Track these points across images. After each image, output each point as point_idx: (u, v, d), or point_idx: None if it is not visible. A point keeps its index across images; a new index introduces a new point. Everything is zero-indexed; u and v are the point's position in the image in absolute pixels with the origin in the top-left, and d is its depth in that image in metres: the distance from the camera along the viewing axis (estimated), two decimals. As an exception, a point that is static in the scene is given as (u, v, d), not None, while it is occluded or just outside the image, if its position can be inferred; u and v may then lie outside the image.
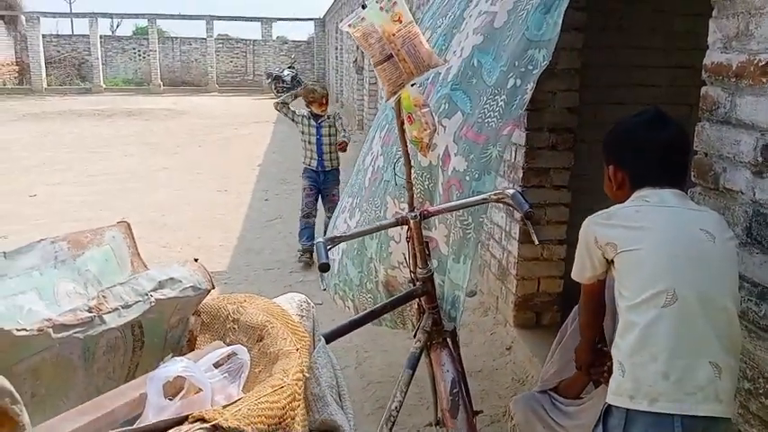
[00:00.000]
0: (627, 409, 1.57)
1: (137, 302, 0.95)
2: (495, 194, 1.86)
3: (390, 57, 1.64)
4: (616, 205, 1.80)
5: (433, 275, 1.99)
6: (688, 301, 1.55)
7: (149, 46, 28.72)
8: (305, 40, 31.95)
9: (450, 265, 2.17)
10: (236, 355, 1.02)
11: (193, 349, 1.09)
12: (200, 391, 0.92)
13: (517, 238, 3.82)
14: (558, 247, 3.82)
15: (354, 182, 3.00)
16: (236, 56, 30.76)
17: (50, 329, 0.85)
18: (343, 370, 3.51)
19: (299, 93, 5.93)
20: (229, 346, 1.12)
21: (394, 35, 1.63)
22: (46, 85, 26.73)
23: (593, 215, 1.79)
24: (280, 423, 0.86)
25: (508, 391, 3.43)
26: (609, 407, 1.64)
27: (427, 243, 2.06)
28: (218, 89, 28.51)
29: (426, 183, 2.29)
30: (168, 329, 1.07)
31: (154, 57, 28.30)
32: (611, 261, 1.72)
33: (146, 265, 1.13)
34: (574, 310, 2.34)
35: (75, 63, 29.56)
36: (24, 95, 24.82)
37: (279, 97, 22.60)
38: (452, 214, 2.07)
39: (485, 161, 2.00)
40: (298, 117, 5.70)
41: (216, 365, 1.02)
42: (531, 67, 1.97)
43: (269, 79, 26.13)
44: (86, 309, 0.90)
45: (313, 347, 1.42)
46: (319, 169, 5.72)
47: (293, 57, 29.09)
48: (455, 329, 2.11)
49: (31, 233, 6.77)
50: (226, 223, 7.15)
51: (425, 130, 1.73)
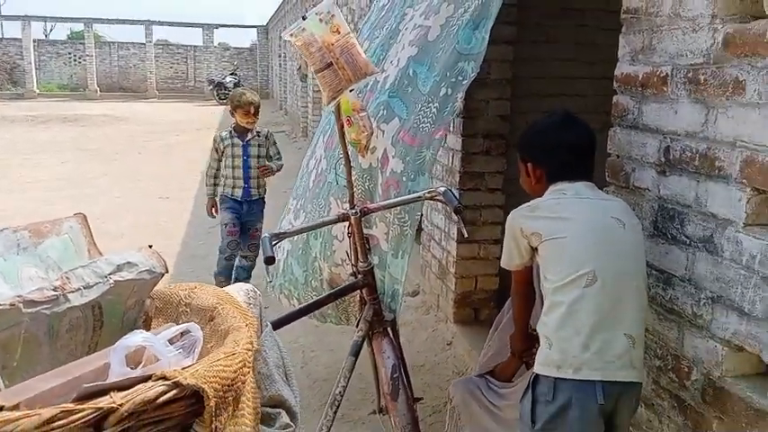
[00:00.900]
0: (554, 378, 1.77)
1: (97, 284, 1.05)
2: (428, 192, 2.02)
3: (330, 65, 1.77)
4: (537, 199, 1.98)
5: (373, 269, 2.13)
6: (606, 282, 1.76)
7: (85, 50, 27.98)
8: (247, 47, 31.74)
9: (390, 261, 2.30)
10: (189, 332, 1.12)
11: (149, 329, 1.18)
12: (157, 361, 1.03)
13: (455, 238, 4.00)
14: (494, 247, 4.01)
15: (299, 184, 3.11)
16: (176, 62, 30.28)
17: (21, 305, 0.94)
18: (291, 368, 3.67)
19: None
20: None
21: (332, 45, 1.76)
22: (-25, 91, 25.70)
23: (517, 208, 1.98)
24: (231, 385, 0.97)
25: (449, 382, 3.57)
26: (537, 376, 1.83)
27: (368, 239, 2.19)
28: (158, 95, 28.00)
29: (367, 183, 2.43)
30: (125, 311, 1.16)
31: (90, 62, 27.58)
32: (535, 249, 1.91)
33: (101, 254, 1.22)
34: (508, 301, 2.52)
35: (6, 67, 28.50)
36: (-49, 101, 23.79)
37: (221, 103, 22.34)
38: (391, 213, 2.21)
39: (419, 163, 2.16)
40: (219, 144, 4.56)
41: (170, 342, 1.12)
42: (461, 78, 2.13)
43: (211, 86, 25.88)
44: (52, 288, 0.99)
45: (261, 332, 1.53)
46: (244, 198, 4.62)
47: (236, 63, 28.89)
48: (395, 319, 2.25)
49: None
50: (168, 230, 7.11)
51: (363, 132, 1.87)
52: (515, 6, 3.79)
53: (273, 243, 1.88)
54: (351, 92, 1.86)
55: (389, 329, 2.21)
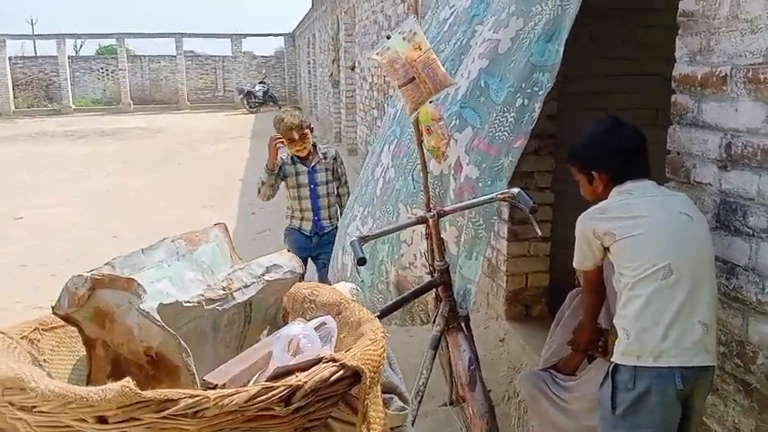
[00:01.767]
0: (634, 366, 1.90)
1: (253, 283, 1.21)
2: (501, 194, 2.16)
3: (413, 79, 1.92)
4: (605, 201, 2.10)
5: (448, 267, 2.28)
6: (681, 274, 1.89)
7: (118, 65, 28.62)
8: (273, 54, 32.18)
9: (462, 262, 2.45)
10: (325, 324, 1.28)
11: (287, 323, 1.34)
12: (306, 349, 1.18)
13: (506, 237, 4.12)
14: (544, 245, 4.13)
15: (365, 192, 3.27)
16: (205, 72, 30.81)
17: (203, 302, 1.10)
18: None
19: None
20: (307, 321, 1.38)
21: (415, 60, 1.92)
22: (14, 108, 26.48)
23: (586, 212, 2.10)
24: (376, 368, 1.13)
25: (505, 377, 3.71)
26: (616, 366, 1.96)
27: (443, 240, 2.34)
28: (190, 106, 28.53)
29: (437, 190, 2.58)
30: (268, 307, 1.32)
31: (123, 76, 28.21)
32: (606, 248, 2.03)
33: (240, 259, 1.39)
34: (569, 295, 2.64)
35: (43, 84, 29.29)
36: (-8, 119, 24.56)
37: (251, 112, 22.31)
38: (465, 216, 2.36)
39: (497, 170, 2.30)
40: (279, 170, 3.84)
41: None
42: (536, 89, 2.27)
43: (241, 95, 26.30)
44: (221, 288, 1.15)
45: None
46: (314, 232, 3.97)
47: (264, 72, 29.30)
48: (468, 315, 2.39)
49: (25, 255, 6.90)
50: (217, 237, 7.34)
51: (443, 140, 2.02)
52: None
53: (362, 245, 2.03)
54: (430, 103, 2.01)
55: (463, 324, 2.36)
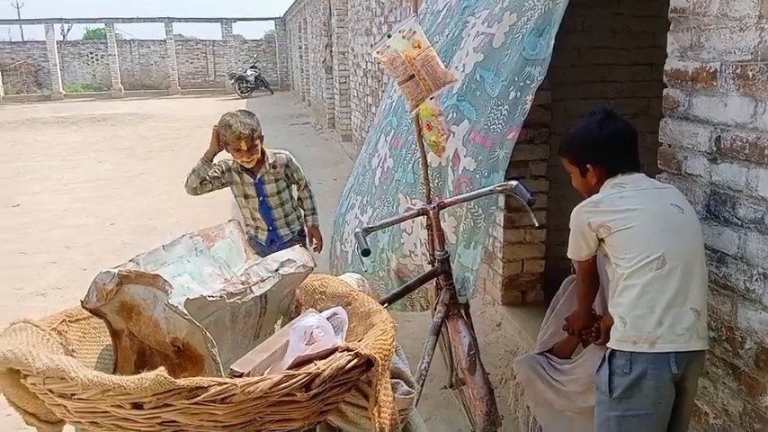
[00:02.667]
0: (631, 352, 1.99)
1: (269, 277, 1.28)
2: (500, 186, 2.23)
3: (412, 76, 1.98)
4: (597, 195, 2.17)
5: (449, 257, 2.35)
6: (674, 263, 1.97)
7: (107, 50, 28.40)
8: (263, 38, 32.00)
9: (461, 251, 2.52)
10: (336, 314, 1.36)
11: (299, 314, 1.42)
12: (321, 338, 1.26)
13: (502, 224, 4.20)
14: (539, 232, 4.21)
15: (362, 181, 3.33)
16: (196, 57, 30.63)
17: (225, 296, 1.17)
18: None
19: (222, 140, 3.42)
20: (321, 311, 1.46)
21: (414, 58, 1.98)
22: (3, 94, 26.27)
23: (580, 205, 2.16)
24: (387, 356, 1.20)
25: (502, 361, 3.81)
26: (613, 351, 2.05)
27: (443, 231, 2.41)
28: (181, 91, 28.39)
29: (436, 181, 2.64)
30: (282, 299, 1.39)
31: (113, 61, 28.01)
32: (601, 240, 2.11)
33: (254, 252, 1.46)
34: (564, 281, 2.73)
35: (32, 70, 29.04)
36: (-20, 105, 24.36)
37: (243, 96, 21.97)
38: (464, 207, 2.43)
39: (493, 161, 2.37)
40: (223, 175, 3.50)
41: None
42: (528, 82, 2.33)
43: (232, 80, 26.20)
44: (240, 282, 1.22)
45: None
46: (271, 240, 3.66)
47: (255, 56, 29.15)
48: (467, 303, 2.47)
49: (23, 242, 6.93)
50: (212, 224, 7.37)
51: (443, 135, 2.09)
52: None
53: (366, 236, 2.11)
54: (431, 99, 2.08)
55: (463, 311, 2.44)
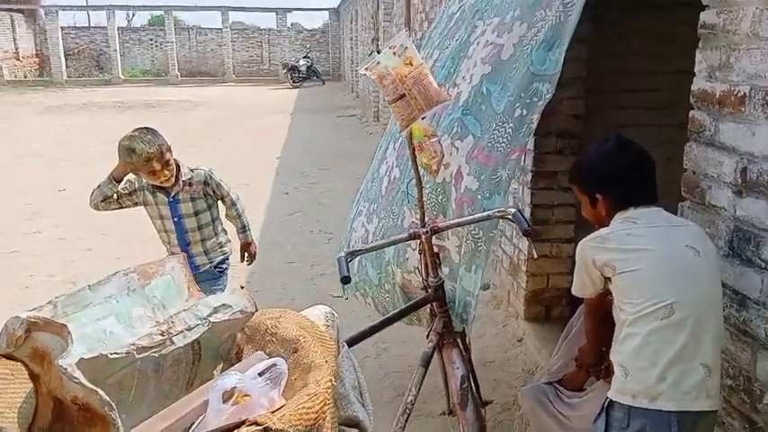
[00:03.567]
0: (630, 406, 1.80)
1: (197, 325, 1.18)
2: (498, 212, 2.07)
3: (403, 96, 1.84)
4: (605, 229, 1.98)
5: (443, 283, 2.21)
6: (683, 313, 1.77)
7: (166, 37, 28.99)
8: (319, 28, 32.10)
9: (462, 274, 2.37)
10: (275, 365, 1.25)
11: (240, 359, 1.31)
12: (247, 396, 1.15)
13: (526, 237, 4.01)
14: (567, 245, 4.00)
15: (371, 187, 3.21)
16: (251, 45, 31.00)
17: (134, 351, 1.08)
18: (364, 360, 3.83)
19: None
20: (269, 355, 1.35)
21: (405, 76, 1.84)
22: (66, 77, 27.17)
23: (586, 239, 1.98)
24: (314, 424, 1.09)
25: (519, 380, 3.64)
26: (612, 401, 1.87)
27: (438, 253, 2.27)
28: (235, 79, 28.79)
29: (440, 197, 2.50)
30: (220, 344, 1.29)
31: (171, 47, 28.58)
32: (608, 278, 1.92)
33: (198, 291, 1.36)
34: (579, 308, 2.55)
35: (94, 55, 29.98)
36: (45, 88, 25.25)
37: (294, 86, 21.95)
38: (464, 228, 2.28)
39: (495, 182, 2.20)
40: (135, 194, 3.19)
41: (260, 374, 1.25)
42: (536, 99, 2.16)
43: (285, 69, 26.39)
44: (159, 333, 1.13)
45: (338, 353, 1.65)
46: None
47: (308, 46, 29.29)
48: (464, 330, 2.33)
49: (64, 228, 7.09)
50: (248, 217, 7.37)
51: (434, 158, 1.94)
52: (588, 3, 3.73)
53: (349, 261, 1.99)
54: (423, 119, 1.93)
55: (459, 340, 2.30)
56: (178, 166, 3.16)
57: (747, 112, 1.94)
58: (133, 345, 1.09)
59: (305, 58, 26.56)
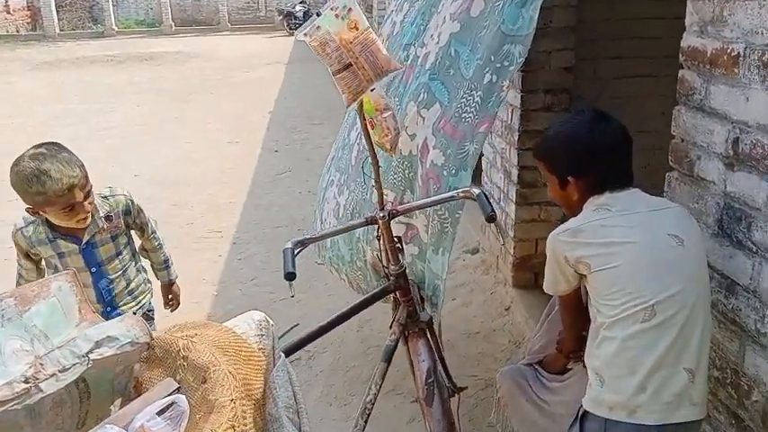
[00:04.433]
0: (605, 419, 1.63)
1: (74, 365, 1.01)
2: (462, 192, 1.86)
3: (349, 65, 1.61)
4: (577, 219, 1.75)
5: (405, 271, 2.02)
6: (667, 314, 1.58)
7: (159, -16, 28.12)
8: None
9: (430, 256, 2.19)
10: (176, 404, 1.08)
11: (140, 393, 1.15)
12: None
13: (514, 200, 3.81)
14: (556, 209, 3.79)
15: (341, 156, 2.99)
16: (246, -9, 30.07)
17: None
18: (345, 334, 3.67)
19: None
20: (180, 383, 1.18)
21: (351, 43, 1.60)
22: (59, 31, 26.50)
23: (557, 231, 1.76)
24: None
25: (504, 353, 3.50)
26: (586, 412, 1.69)
27: (400, 239, 2.08)
28: (230, 28, 28.03)
29: (407, 172, 2.29)
30: (114, 378, 1.13)
31: (164, -4, 27.74)
32: (583, 275, 1.72)
33: (94, 311, 1.18)
34: None
35: (86, 5, 29.17)
36: (38, 42, 24.67)
37: (290, 34, 21.48)
38: (431, 208, 2.08)
39: (461, 157, 1.99)
40: (28, 247, 2.30)
41: (160, 413, 1.08)
42: (506, 63, 1.92)
43: (281, 16, 25.63)
44: (23, 380, 0.95)
45: (273, 365, 1.48)
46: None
47: (305, -10, 28.38)
48: (431, 319, 2.16)
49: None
50: (236, 177, 7.19)
51: (386, 135, 1.73)
52: (579, -55, 3.43)
53: (297, 252, 1.80)
54: (372, 91, 1.71)
55: (426, 330, 2.13)
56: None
57: (741, 74, 1.71)
58: (-21, 402, 0.92)
59: (301, 3, 25.72)
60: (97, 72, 16.23)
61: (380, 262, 2.16)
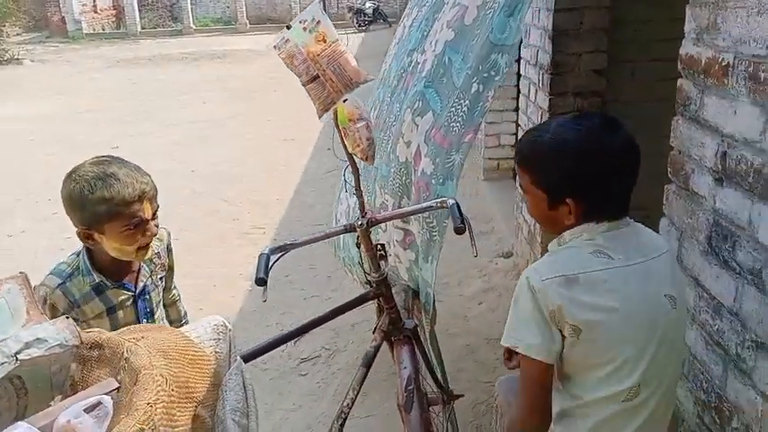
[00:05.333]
0: None
1: (3, 363, 1.08)
2: (438, 202, 1.85)
3: (317, 77, 1.64)
4: (567, 260, 1.40)
5: (387, 278, 2.03)
6: (649, 392, 1.40)
7: (235, -17, 28.93)
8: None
9: (421, 264, 2.19)
10: (102, 405, 1.14)
11: (76, 391, 1.21)
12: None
13: (542, 205, 3.73)
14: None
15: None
16: (319, -11, 30.48)
17: None
18: (367, 333, 3.69)
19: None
20: (120, 383, 1.24)
21: (318, 55, 1.63)
22: (140, 29, 27.74)
23: (542, 273, 1.38)
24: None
25: (524, 360, 3.44)
26: None
27: (383, 246, 2.09)
28: (302, 25, 28.56)
29: (404, 178, 2.30)
30: (52, 376, 1.20)
31: (239, -6, 28.54)
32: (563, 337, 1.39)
33: (43, 314, 1.25)
34: None
35: (167, 4, 30.37)
36: (121, 40, 25.90)
37: (360, 30, 21.69)
38: (421, 217, 2.08)
39: (449, 167, 1.98)
40: (74, 308, 1.74)
41: (87, 410, 1.15)
42: (493, 73, 1.89)
43: (350, 12, 25.89)
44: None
45: (228, 368, 1.53)
46: None
47: (376, -13, 28.54)
48: (416, 326, 2.15)
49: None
50: (286, 174, 7.34)
51: (358, 146, 1.74)
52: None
53: (277, 258, 1.84)
54: (346, 102, 1.73)
55: (411, 337, 2.13)
56: None
57: (730, 85, 1.63)
58: None
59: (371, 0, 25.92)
60: (172, 70, 16.89)
61: (362, 268, 2.17)
